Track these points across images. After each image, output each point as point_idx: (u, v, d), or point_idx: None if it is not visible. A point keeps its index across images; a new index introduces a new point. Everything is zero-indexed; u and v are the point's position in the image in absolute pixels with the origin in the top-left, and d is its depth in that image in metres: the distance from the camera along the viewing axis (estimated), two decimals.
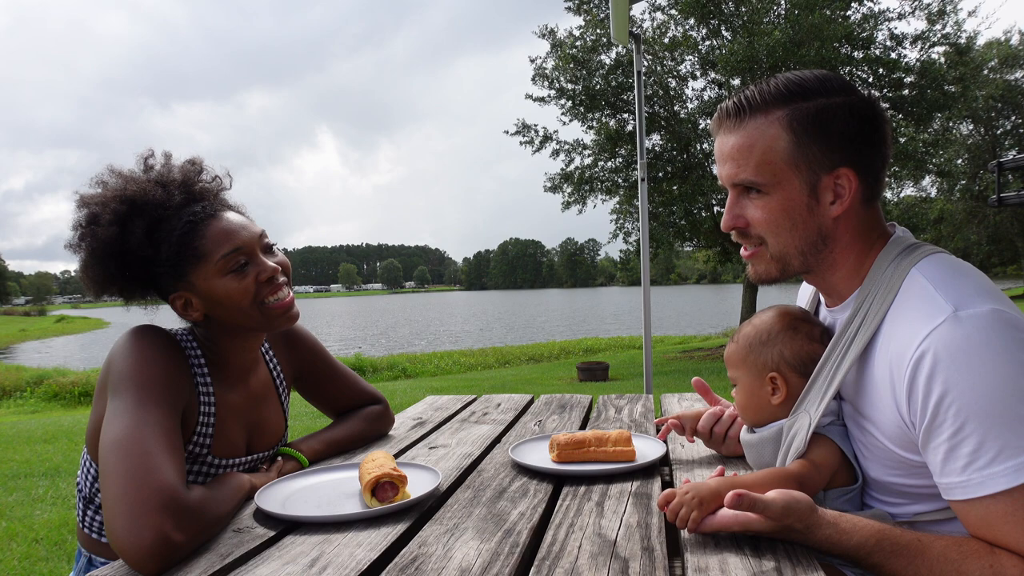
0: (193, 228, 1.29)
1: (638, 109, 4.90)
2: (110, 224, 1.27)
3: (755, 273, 1.20)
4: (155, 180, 1.35)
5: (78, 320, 66.88)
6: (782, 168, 1.09)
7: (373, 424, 1.72)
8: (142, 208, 1.29)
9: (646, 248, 4.91)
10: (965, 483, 0.93)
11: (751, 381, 1.23)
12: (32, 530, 3.59)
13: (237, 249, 1.30)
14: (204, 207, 1.33)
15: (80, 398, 11.56)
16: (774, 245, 1.14)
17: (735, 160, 1.12)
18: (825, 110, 1.08)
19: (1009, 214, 25.13)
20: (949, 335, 0.94)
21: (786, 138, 1.08)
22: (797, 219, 1.11)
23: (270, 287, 1.33)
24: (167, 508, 0.98)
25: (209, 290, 1.29)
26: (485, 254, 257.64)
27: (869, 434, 1.09)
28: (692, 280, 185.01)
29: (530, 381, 10.73)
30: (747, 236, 1.17)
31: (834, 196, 1.10)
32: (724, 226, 1.18)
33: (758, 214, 1.13)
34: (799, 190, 1.10)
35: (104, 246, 1.28)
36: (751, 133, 1.10)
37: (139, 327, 1.29)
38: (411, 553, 0.98)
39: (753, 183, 1.11)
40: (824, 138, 1.08)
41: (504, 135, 13.83)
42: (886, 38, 12.12)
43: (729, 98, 1.16)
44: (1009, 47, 24.76)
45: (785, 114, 1.08)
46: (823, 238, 1.12)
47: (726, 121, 1.14)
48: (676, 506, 1.01)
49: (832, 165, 1.08)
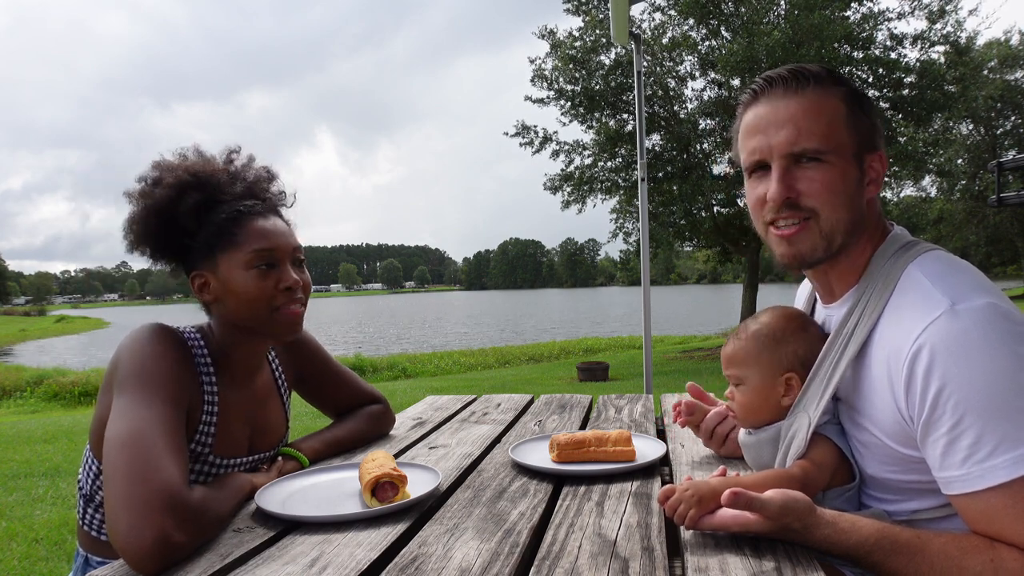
0: (239, 217, 1.34)
1: (638, 109, 4.90)
2: (169, 187, 1.33)
3: (796, 253, 1.12)
4: (226, 169, 1.43)
5: (78, 320, 66.96)
6: (844, 137, 1.09)
7: (374, 424, 1.72)
8: (203, 184, 1.36)
9: (646, 248, 4.91)
10: (964, 476, 0.93)
11: (762, 381, 1.21)
12: (32, 530, 3.59)
13: (269, 249, 1.33)
14: (257, 204, 1.39)
15: (80, 398, 11.56)
16: (828, 218, 1.08)
17: (798, 126, 1.07)
18: (864, 95, 1.11)
19: (1009, 214, 25.13)
20: (946, 329, 0.94)
21: (844, 110, 1.09)
22: (850, 193, 1.09)
23: (286, 296, 1.34)
24: (169, 508, 0.98)
25: (230, 278, 1.32)
26: (485, 254, 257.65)
27: (866, 431, 1.09)
28: (692, 280, 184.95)
29: (530, 381, 10.73)
30: (798, 208, 1.09)
31: (869, 179, 1.11)
32: (776, 196, 1.09)
33: (815, 185, 1.08)
34: (853, 164, 1.10)
35: (156, 204, 1.33)
36: (815, 99, 1.09)
37: (148, 325, 1.30)
38: (411, 553, 0.98)
39: (817, 151, 1.07)
40: (869, 118, 1.11)
41: (504, 135, 13.85)
42: (886, 38, 12.13)
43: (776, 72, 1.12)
44: (1009, 47, 24.77)
45: (840, 90, 1.10)
46: (861, 219, 1.12)
47: (780, 87, 1.10)
48: (675, 502, 1.01)
49: (874, 146, 1.11)
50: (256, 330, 1.36)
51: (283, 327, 1.36)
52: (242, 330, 1.36)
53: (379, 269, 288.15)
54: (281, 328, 1.36)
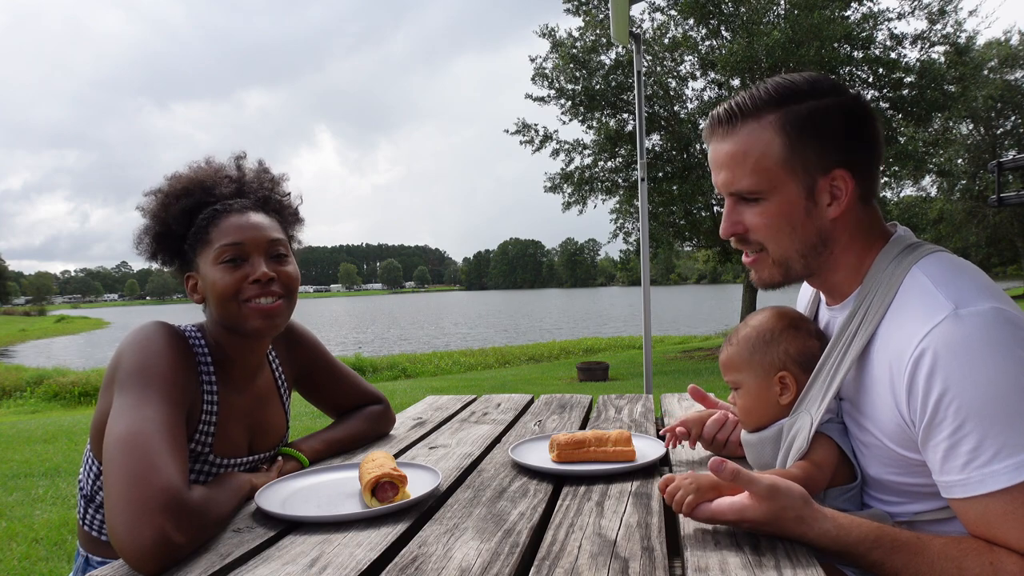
0: (215, 216, 1.35)
1: (638, 109, 4.90)
2: (164, 195, 1.39)
3: (759, 279, 1.19)
4: (222, 173, 1.45)
5: (78, 320, 66.95)
6: (778, 173, 1.08)
7: (374, 424, 1.72)
8: (191, 190, 1.39)
9: (646, 248, 4.91)
10: (965, 481, 0.93)
11: (757, 383, 1.21)
12: (32, 530, 3.59)
13: (234, 244, 1.32)
14: (238, 202, 1.39)
15: (80, 398, 11.56)
16: (775, 251, 1.13)
17: (729, 168, 1.11)
18: (817, 111, 1.07)
19: (1009, 214, 25.13)
20: (949, 333, 0.94)
21: (780, 142, 1.08)
22: (796, 223, 1.10)
23: (255, 289, 1.32)
24: (168, 509, 0.98)
25: (205, 275, 1.34)
26: (485, 254, 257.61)
27: (868, 432, 1.09)
28: (692, 280, 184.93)
29: (530, 381, 10.73)
30: (747, 242, 1.16)
31: (831, 198, 1.09)
32: (723, 233, 1.17)
33: (757, 220, 1.12)
34: (796, 194, 1.09)
35: (152, 213, 1.39)
36: (744, 139, 1.10)
37: (150, 323, 1.30)
38: (411, 553, 0.98)
39: (750, 191, 1.10)
40: (818, 139, 1.07)
41: (504, 134, 13.87)
42: (886, 38, 12.13)
43: (720, 105, 1.15)
44: (1009, 47, 24.78)
45: (777, 117, 1.08)
46: (823, 240, 1.12)
47: (718, 128, 1.13)
48: (674, 489, 1.02)
49: (828, 167, 1.08)
50: (232, 327, 1.35)
51: (254, 321, 1.32)
52: (226, 328, 1.36)
53: (379, 269, 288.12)
54: (252, 323, 1.32)
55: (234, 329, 1.35)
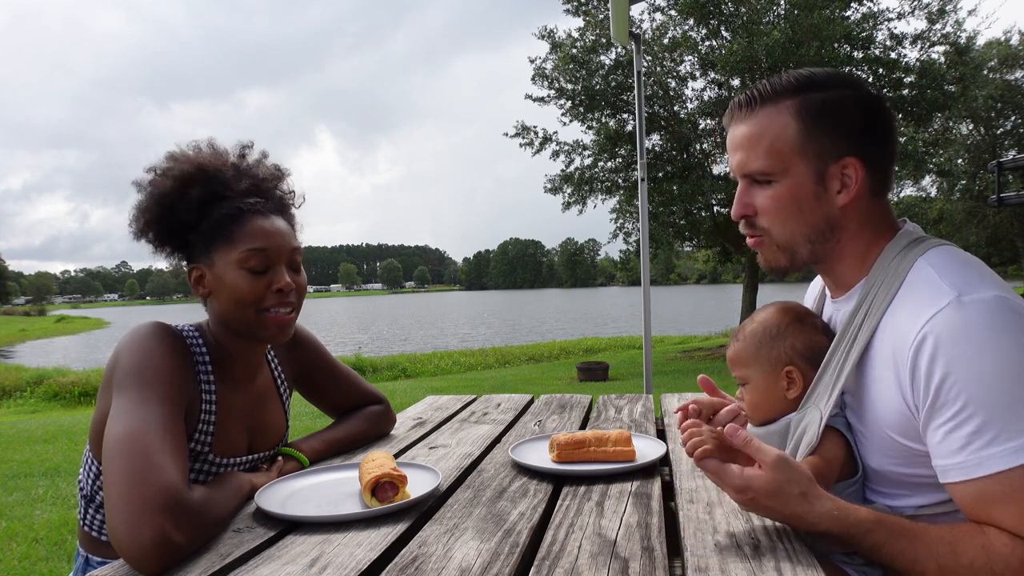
0: (238, 214, 1.33)
1: (638, 109, 4.90)
2: (174, 179, 1.34)
3: (764, 261, 1.21)
4: (235, 164, 1.42)
5: (78, 320, 66.98)
6: (790, 156, 1.11)
7: (374, 424, 1.72)
8: (207, 179, 1.36)
9: (646, 248, 4.91)
10: (962, 464, 0.94)
11: (764, 378, 1.22)
12: (32, 530, 3.59)
13: (262, 250, 1.31)
14: (259, 203, 1.37)
15: (80, 398, 11.56)
16: (779, 234, 1.15)
17: (744, 149, 1.14)
18: (833, 100, 1.10)
19: (1009, 214, 25.12)
20: (952, 319, 0.95)
21: (795, 126, 1.10)
22: (804, 207, 1.12)
23: (277, 299, 1.33)
24: (168, 509, 0.98)
25: (223, 275, 1.32)
26: (485, 254, 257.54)
27: (870, 423, 1.10)
28: (692, 280, 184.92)
29: (530, 381, 10.73)
30: (754, 227, 1.18)
31: (841, 185, 1.11)
32: (734, 215, 1.19)
33: (766, 203, 1.14)
34: (807, 178, 1.11)
35: (159, 194, 1.35)
36: (761, 122, 1.12)
37: (147, 323, 1.30)
38: (411, 553, 0.98)
39: (762, 172, 1.13)
40: (832, 127, 1.10)
41: (504, 135, 13.84)
42: (886, 38, 12.13)
43: (739, 93, 1.18)
44: (1009, 47, 24.77)
45: (795, 103, 1.10)
46: (831, 227, 1.13)
47: (737, 112, 1.16)
48: (695, 431, 1.03)
49: (840, 154, 1.10)
50: (242, 331, 1.35)
51: (270, 330, 1.33)
52: (232, 330, 1.36)
53: (379, 269, 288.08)
54: (268, 331, 1.33)
55: (244, 334, 1.35)
